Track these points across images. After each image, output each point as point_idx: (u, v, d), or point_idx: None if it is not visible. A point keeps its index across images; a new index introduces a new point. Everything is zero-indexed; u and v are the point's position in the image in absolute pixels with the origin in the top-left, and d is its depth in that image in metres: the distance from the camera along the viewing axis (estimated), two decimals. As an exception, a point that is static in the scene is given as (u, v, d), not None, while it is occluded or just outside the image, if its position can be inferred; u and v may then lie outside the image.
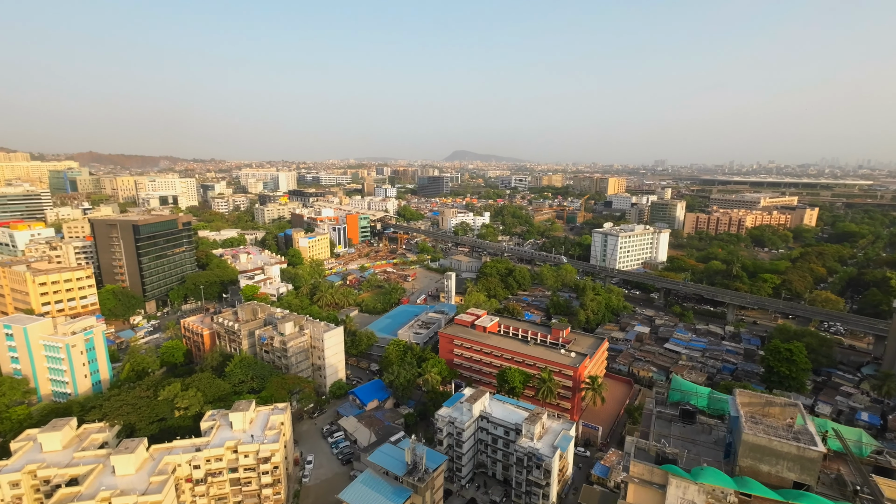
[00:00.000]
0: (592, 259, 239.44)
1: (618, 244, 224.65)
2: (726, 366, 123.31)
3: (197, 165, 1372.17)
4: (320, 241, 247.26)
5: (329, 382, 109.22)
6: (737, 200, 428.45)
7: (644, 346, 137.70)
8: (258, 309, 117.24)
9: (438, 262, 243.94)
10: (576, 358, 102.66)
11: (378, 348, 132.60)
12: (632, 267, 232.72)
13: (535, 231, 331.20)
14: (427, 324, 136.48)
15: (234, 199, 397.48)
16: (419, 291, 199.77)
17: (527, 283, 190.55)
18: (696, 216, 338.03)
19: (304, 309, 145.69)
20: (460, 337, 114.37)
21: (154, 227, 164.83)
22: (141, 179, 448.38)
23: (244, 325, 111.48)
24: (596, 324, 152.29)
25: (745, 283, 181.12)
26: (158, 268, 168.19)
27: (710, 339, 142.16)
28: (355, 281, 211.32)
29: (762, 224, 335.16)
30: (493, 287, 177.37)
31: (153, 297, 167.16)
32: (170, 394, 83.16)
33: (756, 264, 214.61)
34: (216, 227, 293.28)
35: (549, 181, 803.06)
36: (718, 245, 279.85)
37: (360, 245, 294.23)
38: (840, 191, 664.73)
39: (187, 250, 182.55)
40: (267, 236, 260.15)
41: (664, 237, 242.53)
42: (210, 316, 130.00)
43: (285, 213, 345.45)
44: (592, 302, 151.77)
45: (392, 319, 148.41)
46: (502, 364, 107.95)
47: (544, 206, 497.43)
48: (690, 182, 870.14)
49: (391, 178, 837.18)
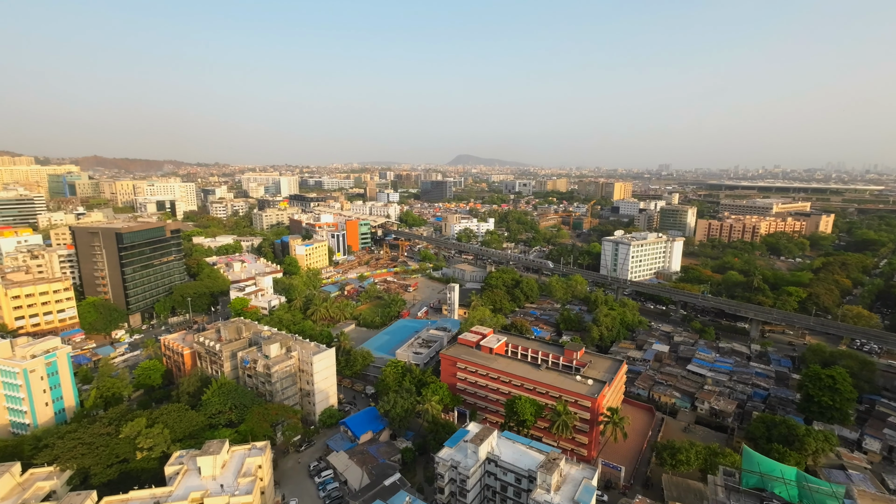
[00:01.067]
0: (602, 268, 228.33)
1: (629, 253, 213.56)
2: (757, 391, 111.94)
3: (200, 169, 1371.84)
4: (318, 248, 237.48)
5: (318, 410, 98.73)
6: (748, 206, 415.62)
7: (664, 366, 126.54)
8: (243, 327, 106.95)
9: (441, 271, 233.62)
10: (593, 386, 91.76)
11: (375, 369, 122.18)
12: (644, 277, 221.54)
13: (540, 238, 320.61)
14: (428, 342, 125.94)
15: (232, 203, 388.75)
16: (420, 303, 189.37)
17: (534, 296, 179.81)
18: (707, 223, 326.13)
19: (296, 324, 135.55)
20: (464, 360, 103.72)
21: (139, 235, 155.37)
22: (139, 183, 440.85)
23: (226, 346, 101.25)
24: (610, 341, 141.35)
25: (768, 297, 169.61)
26: (144, 278, 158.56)
27: (736, 360, 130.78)
28: (353, 291, 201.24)
29: (776, 231, 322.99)
30: (498, 300, 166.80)
31: (138, 310, 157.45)
32: (132, 430, 72.82)
33: (777, 275, 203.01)
34: (212, 233, 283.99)
35: (554, 186, 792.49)
36: (732, 253, 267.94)
37: (361, 252, 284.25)
38: (851, 196, 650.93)
39: (176, 259, 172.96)
40: (263, 243, 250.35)
41: (678, 246, 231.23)
42: (194, 332, 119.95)
43: (284, 218, 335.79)
44: (606, 318, 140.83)
45: (391, 336, 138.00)
46: (511, 391, 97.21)
47: (549, 211, 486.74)
48: (697, 187, 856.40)
49: (394, 182, 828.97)
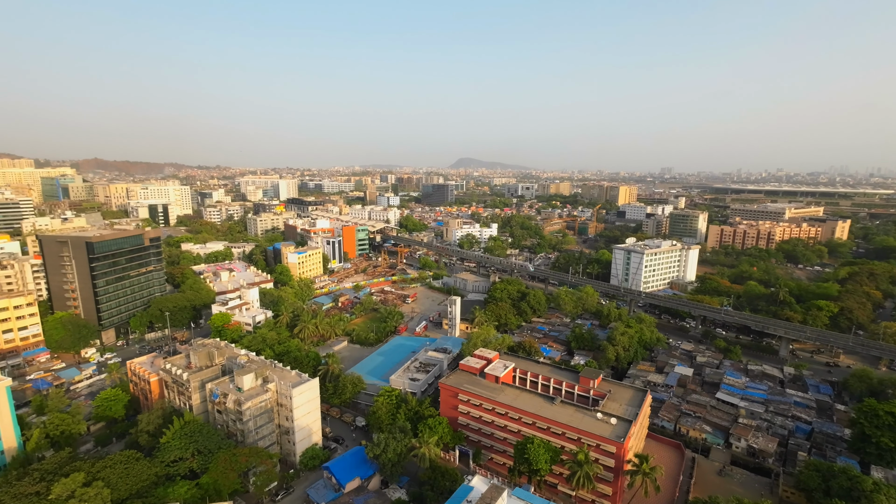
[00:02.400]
0: (613, 278, 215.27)
1: (643, 262, 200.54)
2: (799, 426, 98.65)
3: (201, 172, 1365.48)
4: (312, 256, 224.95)
5: (299, 450, 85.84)
6: (760, 211, 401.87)
7: (689, 393, 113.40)
8: (215, 352, 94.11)
9: (442, 281, 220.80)
10: (617, 426, 78.78)
11: (367, 396, 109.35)
12: (657, 287, 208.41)
13: (546, 244, 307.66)
14: (426, 366, 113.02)
15: (227, 207, 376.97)
16: (419, 316, 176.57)
17: (542, 309, 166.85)
18: (720, 229, 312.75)
19: (281, 343, 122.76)
20: (466, 391, 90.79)
21: (112, 244, 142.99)
22: (133, 187, 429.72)
23: (195, 375, 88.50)
24: (627, 362, 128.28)
25: (796, 312, 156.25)
26: (118, 291, 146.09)
27: (769, 385, 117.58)
28: (348, 303, 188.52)
29: (792, 237, 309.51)
30: (503, 314, 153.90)
31: (111, 326, 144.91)
32: (65, 490, 60.02)
33: (801, 287, 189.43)
34: (202, 239, 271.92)
35: (557, 189, 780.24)
36: (748, 261, 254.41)
37: (358, 259, 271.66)
38: (860, 200, 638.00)
39: (156, 270, 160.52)
40: (255, 250, 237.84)
41: (693, 254, 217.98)
42: (164, 356, 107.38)
43: (280, 223, 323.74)
44: (623, 336, 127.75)
45: (385, 357, 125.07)
46: (521, 429, 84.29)
47: (553, 215, 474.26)
48: (701, 190, 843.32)
49: (394, 185, 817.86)
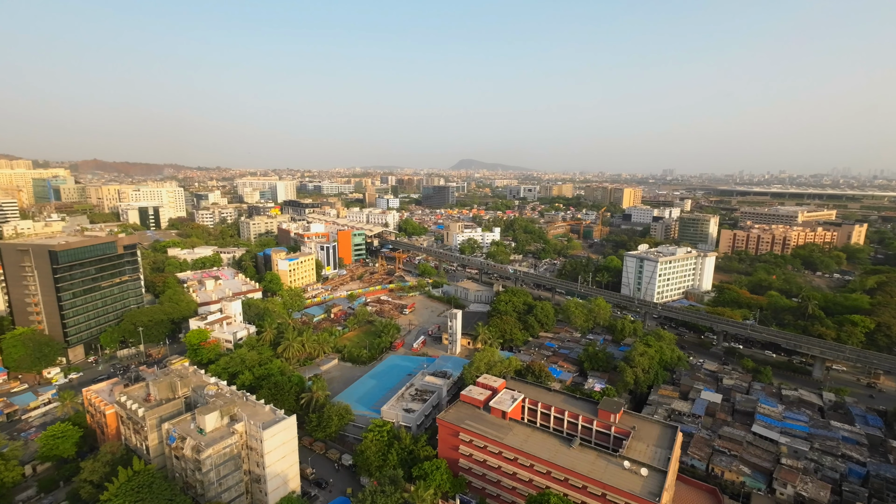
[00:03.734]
0: (624, 287, 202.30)
1: (656, 270, 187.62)
2: (852, 468, 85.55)
3: (200, 173, 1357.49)
4: (304, 263, 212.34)
5: (272, 500, 73.13)
6: (771, 215, 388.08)
7: (719, 424, 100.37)
8: (178, 382, 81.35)
9: (442, 289, 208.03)
10: (649, 479, 65.95)
11: (355, 428, 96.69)
12: (672, 297, 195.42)
13: (551, 249, 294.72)
14: (423, 394, 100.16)
15: (220, 210, 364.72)
16: (417, 329, 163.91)
17: (550, 323, 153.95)
18: (732, 233, 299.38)
19: (262, 365, 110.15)
20: (469, 429, 78.00)
21: (80, 253, 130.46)
22: (125, 188, 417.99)
23: (152, 412, 75.82)
24: (647, 385, 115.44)
25: (828, 328, 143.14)
26: (87, 304, 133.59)
27: (809, 415, 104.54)
28: (341, 314, 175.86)
29: (807, 243, 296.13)
30: (509, 329, 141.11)
31: (79, 342, 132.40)
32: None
33: (826, 298, 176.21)
34: (191, 243, 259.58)
35: (559, 191, 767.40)
36: (764, 268, 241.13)
37: (354, 265, 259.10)
38: (869, 203, 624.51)
39: (131, 279, 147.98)
40: (244, 256, 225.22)
41: (709, 261, 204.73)
42: (124, 383, 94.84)
43: (274, 227, 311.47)
44: (643, 357, 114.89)
45: (377, 380, 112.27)
46: (533, 478, 71.58)
47: (557, 218, 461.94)
48: (706, 192, 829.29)
49: (394, 187, 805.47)
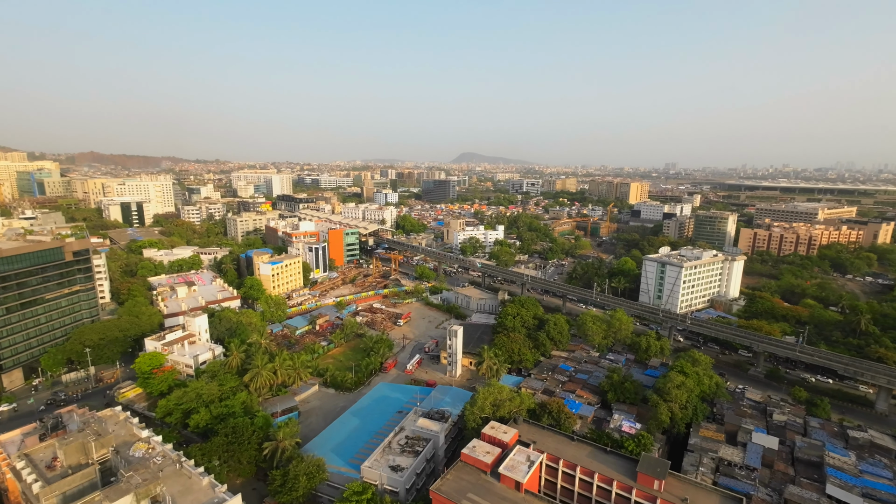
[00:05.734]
0: (643, 294, 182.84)
1: (680, 277, 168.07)
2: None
3: (198, 166, 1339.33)
4: (289, 266, 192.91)
5: None
6: (789, 212, 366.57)
7: (780, 480, 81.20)
8: (93, 445, 62.03)
9: (441, 296, 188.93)
10: None
11: (330, 487, 77.82)
12: (697, 307, 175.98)
13: (558, 249, 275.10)
14: (414, 442, 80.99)
15: (208, 206, 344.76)
16: (413, 344, 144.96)
17: (565, 340, 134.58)
18: (753, 232, 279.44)
19: (223, 401, 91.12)
20: (473, 510, 59.18)
21: (15, 262, 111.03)
22: (109, 182, 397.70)
23: (50, 489, 56.65)
24: (685, 424, 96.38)
25: (887, 348, 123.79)
26: (26, 320, 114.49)
27: (886, 464, 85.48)
28: (327, 326, 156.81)
29: (832, 242, 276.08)
30: (517, 349, 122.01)
31: (15, 365, 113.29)
32: None
33: (872, 308, 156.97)
34: (171, 243, 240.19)
35: (563, 185, 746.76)
36: (789, 270, 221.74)
37: (346, 267, 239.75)
38: (883, 198, 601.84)
39: (83, 290, 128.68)
40: (225, 258, 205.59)
41: (737, 266, 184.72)
42: (41, 432, 75.90)
43: (263, 224, 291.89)
44: (679, 390, 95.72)
45: (361, 420, 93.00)
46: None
47: (562, 214, 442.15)
48: (712, 187, 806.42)
49: (393, 181, 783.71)
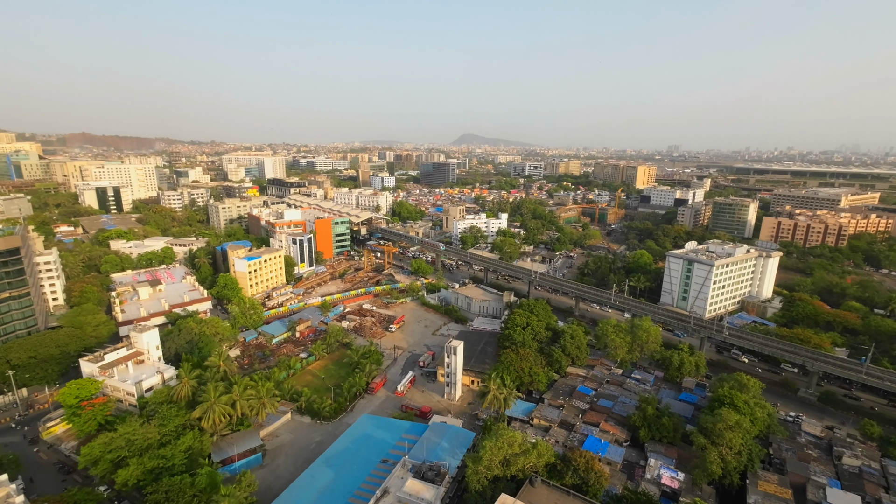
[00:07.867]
0: (665, 294, 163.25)
1: (710, 276, 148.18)
2: None
3: (191, 148, 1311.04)
4: (270, 261, 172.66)
5: None
6: (809, 198, 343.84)
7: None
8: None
9: (439, 295, 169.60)
10: None
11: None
12: (726, 310, 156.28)
13: (566, 239, 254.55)
14: (402, 516, 62.27)
15: (190, 191, 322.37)
16: (405, 356, 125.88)
17: (583, 355, 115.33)
18: (776, 221, 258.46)
19: (162, 447, 72.12)
20: None
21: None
22: (87, 165, 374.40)
23: None
24: (739, 473, 77.68)
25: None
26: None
27: None
28: (308, 333, 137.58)
29: (860, 232, 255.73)
30: (527, 368, 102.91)
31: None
32: None
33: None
34: (144, 233, 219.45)
35: (566, 168, 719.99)
36: (820, 264, 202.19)
37: (335, 260, 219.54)
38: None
39: (13, 297, 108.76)
40: (199, 252, 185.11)
41: (772, 264, 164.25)
42: None
43: (247, 211, 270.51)
44: (734, 433, 76.60)
45: (335, 472, 73.66)
46: None
47: (568, 199, 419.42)
48: (718, 170, 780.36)
49: (390, 164, 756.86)
